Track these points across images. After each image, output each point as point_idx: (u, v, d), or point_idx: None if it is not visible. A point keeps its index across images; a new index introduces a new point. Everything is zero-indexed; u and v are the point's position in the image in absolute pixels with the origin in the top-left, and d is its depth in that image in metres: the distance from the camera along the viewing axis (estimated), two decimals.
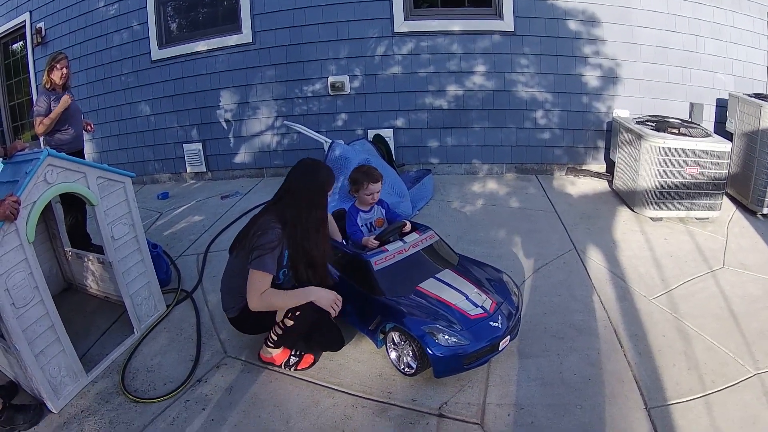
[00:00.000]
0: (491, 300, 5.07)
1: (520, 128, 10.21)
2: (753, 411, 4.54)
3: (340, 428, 4.50)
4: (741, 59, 10.05)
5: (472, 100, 10.17)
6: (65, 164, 4.80)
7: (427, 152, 10.52)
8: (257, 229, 4.70)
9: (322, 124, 10.54)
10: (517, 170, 10.41)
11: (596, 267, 6.82)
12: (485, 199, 9.17)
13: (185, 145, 11.24)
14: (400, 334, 4.96)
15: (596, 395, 4.76)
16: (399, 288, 5.17)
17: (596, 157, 10.29)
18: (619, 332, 5.60)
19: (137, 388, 5.01)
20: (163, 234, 8.47)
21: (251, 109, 10.79)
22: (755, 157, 8.13)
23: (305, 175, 4.89)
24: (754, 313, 5.84)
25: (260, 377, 5.13)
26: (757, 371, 4.98)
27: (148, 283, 5.92)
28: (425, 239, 5.70)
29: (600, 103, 10.03)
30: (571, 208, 8.70)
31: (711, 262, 6.86)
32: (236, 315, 5.01)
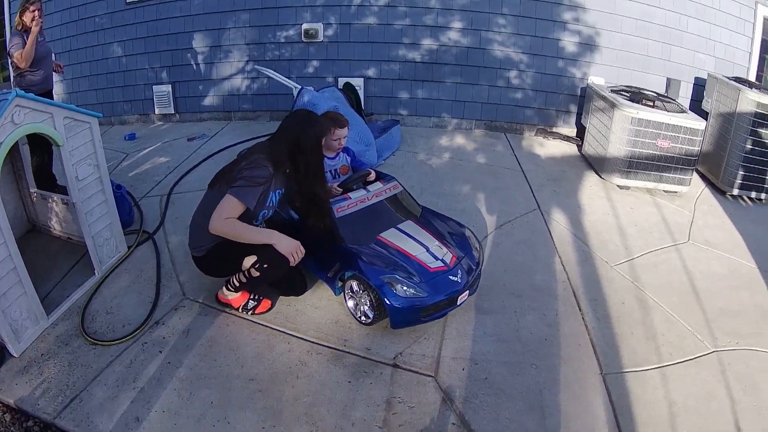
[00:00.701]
0: (452, 254, 5.01)
1: (492, 86, 10.09)
2: (710, 387, 4.55)
3: (295, 374, 4.46)
4: (724, 42, 10.03)
5: (446, 55, 10.03)
6: (33, 105, 4.61)
7: (397, 103, 10.39)
8: (248, 163, 4.61)
9: (293, 71, 10.34)
10: (486, 127, 10.32)
11: (560, 229, 6.77)
12: (452, 154, 9.07)
13: (155, 87, 10.97)
14: (358, 283, 4.88)
15: (552, 356, 4.74)
16: (360, 236, 5.09)
17: (567, 120, 10.23)
18: (578, 295, 5.57)
19: (96, 330, 4.90)
20: (128, 175, 8.25)
21: (223, 53, 10.58)
22: (729, 138, 8.14)
23: (302, 123, 4.79)
24: (716, 291, 5.83)
25: (217, 320, 5.05)
26: (716, 348, 4.98)
27: (110, 224, 5.77)
28: (389, 189, 5.61)
29: (575, 68, 9.95)
30: (539, 168, 8.64)
31: (676, 236, 6.84)
32: (202, 255, 4.89)
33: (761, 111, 7.79)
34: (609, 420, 4.18)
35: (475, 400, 4.25)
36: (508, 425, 4.06)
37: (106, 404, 4.14)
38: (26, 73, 6.68)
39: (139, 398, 4.19)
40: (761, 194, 8.20)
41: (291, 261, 4.56)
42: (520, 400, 4.29)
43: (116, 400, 4.18)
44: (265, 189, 4.62)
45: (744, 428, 4.23)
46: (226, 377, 4.41)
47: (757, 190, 8.18)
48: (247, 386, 4.34)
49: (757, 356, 4.98)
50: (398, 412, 4.15)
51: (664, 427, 4.16)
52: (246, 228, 4.51)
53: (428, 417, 4.11)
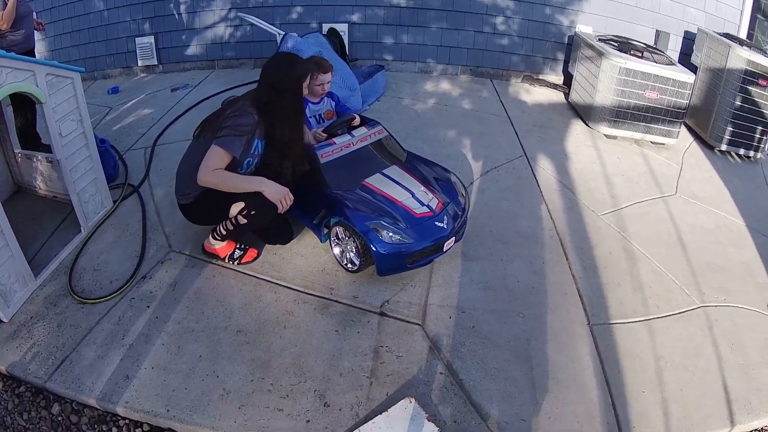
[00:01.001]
0: (438, 199, 4.96)
1: (478, 32, 9.94)
2: (696, 342, 4.56)
3: (282, 323, 4.44)
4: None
5: (431, 0, 9.86)
6: (13, 63, 4.47)
7: (382, 48, 10.24)
8: (233, 111, 4.54)
9: (277, 17, 10.17)
10: (472, 73, 10.19)
11: (546, 176, 6.72)
12: (437, 99, 8.97)
13: (137, 39, 10.74)
14: (344, 230, 4.83)
15: (539, 305, 4.74)
16: (345, 182, 5.03)
17: (554, 68, 10.12)
18: (565, 244, 5.55)
19: (84, 289, 4.85)
20: (112, 129, 8.11)
21: (205, 1, 10.34)
22: (718, 94, 8.09)
23: (281, 65, 4.69)
24: (703, 245, 5.84)
25: (204, 272, 5.01)
26: (703, 303, 4.99)
27: (95, 180, 5.67)
28: (374, 134, 5.53)
29: (563, 16, 9.80)
30: (525, 115, 8.56)
31: (663, 188, 6.82)
32: (189, 202, 4.81)
33: (751, 69, 7.75)
34: (596, 371, 4.19)
35: (462, 349, 4.25)
36: (496, 374, 4.06)
37: (96, 364, 4.12)
38: (7, 34, 6.51)
39: (128, 356, 4.18)
40: (750, 152, 8.21)
41: (279, 208, 4.50)
42: (507, 349, 4.28)
43: (105, 359, 4.16)
44: (251, 137, 4.57)
45: (731, 386, 4.27)
46: (213, 329, 4.39)
47: (746, 147, 8.18)
48: (235, 338, 4.33)
49: (744, 314, 5.01)
50: (386, 361, 4.14)
51: (651, 380, 4.17)
52: (234, 177, 4.47)
53: (416, 366, 4.11)
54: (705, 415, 4.02)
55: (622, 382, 4.12)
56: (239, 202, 4.59)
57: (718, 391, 4.20)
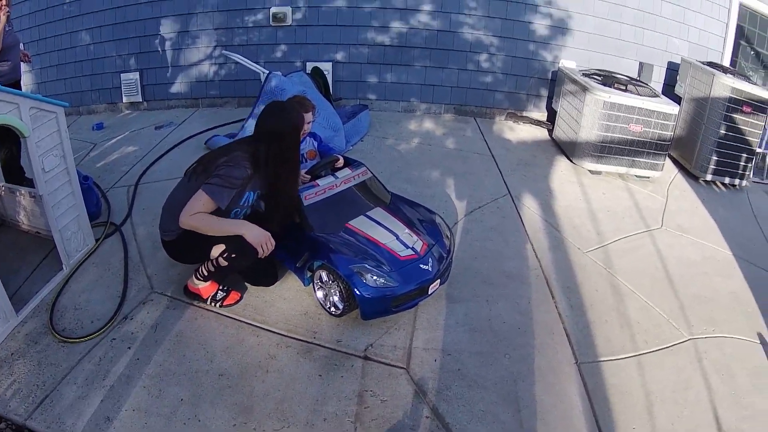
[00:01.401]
0: (422, 242, 4.91)
1: (462, 70, 10.00)
2: (686, 375, 4.54)
3: (265, 368, 4.39)
4: (698, 27, 10.03)
5: (415, 38, 9.91)
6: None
7: (366, 88, 10.27)
8: (228, 160, 4.50)
9: (261, 56, 10.21)
10: (456, 111, 10.22)
11: (531, 215, 6.71)
12: (421, 138, 8.97)
13: (122, 75, 10.75)
14: (327, 273, 4.77)
15: (525, 345, 4.69)
16: (328, 225, 4.98)
17: (538, 105, 10.16)
18: (551, 282, 5.52)
19: (65, 327, 4.79)
20: (95, 166, 8.09)
21: (191, 38, 10.41)
22: (703, 123, 8.14)
23: (280, 117, 4.64)
24: (690, 277, 5.83)
25: (186, 314, 4.95)
26: (692, 336, 4.97)
27: (77, 217, 5.64)
28: (358, 175, 5.49)
29: (547, 52, 9.88)
30: (509, 153, 8.57)
31: (649, 222, 6.82)
32: (172, 239, 4.77)
33: (735, 96, 7.82)
34: (585, 410, 4.16)
35: (448, 392, 4.19)
36: (483, 417, 4.01)
37: (77, 404, 4.05)
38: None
39: (109, 397, 4.11)
40: (734, 180, 8.25)
41: (260, 252, 4.45)
42: (494, 391, 4.23)
43: (86, 399, 4.09)
44: (241, 190, 4.53)
45: (722, 417, 4.25)
46: (195, 373, 4.32)
47: (731, 176, 8.23)
48: (217, 382, 4.26)
49: (733, 343, 5.01)
50: (370, 405, 4.08)
51: (641, 416, 4.15)
52: (215, 220, 4.42)
53: (401, 410, 4.05)
54: None
55: (611, 420, 4.08)
56: (220, 244, 4.55)
57: (709, 422, 4.19)
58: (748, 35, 10.47)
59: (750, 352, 4.97)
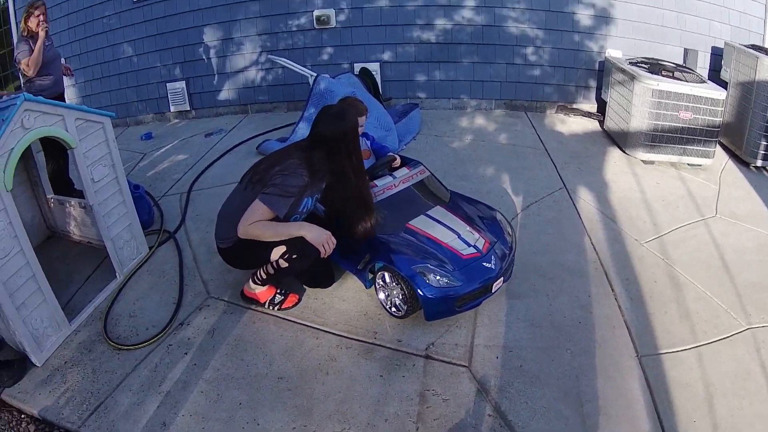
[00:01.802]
0: (484, 239, 4.93)
1: (510, 64, 10.00)
2: (745, 365, 4.49)
3: (325, 370, 4.44)
4: (738, 10, 9.87)
5: (461, 35, 9.93)
6: (43, 108, 4.58)
7: (415, 86, 10.31)
8: (283, 168, 4.52)
9: (308, 59, 10.28)
10: (506, 106, 10.24)
11: (586, 207, 6.72)
12: (473, 135, 9.01)
13: (168, 84, 10.93)
14: (389, 274, 4.80)
15: (586, 339, 4.70)
16: (388, 225, 4.99)
17: (587, 96, 10.13)
18: (610, 275, 5.53)
19: (120, 335, 4.91)
20: (146, 175, 8.25)
21: (235, 45, 10.52)
22: (750, 108, 8.02)
23: (335, 122, 4.62)
24: (746, 264, 5.77)
25: (243, 318, 5.03)
26: (750, 325, 4.92)
27: (129, 226, 5.76)
28: (416, 174, 5.54)
29: (592, 42, 9.83)
30: (561, 146, 8.57)
31: (703, 210, 6.77)
32: (229, 246, 4.82)
33: None
34: (647, 403, 4.14)
35: (510, 389, 4.23)
36: (545, 413, 4.03)
37: (132, 410, 4.16)
38: (35, 79, 6.64)
39: (165, 402, 4.21)
40: None
41: (322, 252, 4.50)
42: (556, 386, 4.26)
43: (142, 405, 4.19)
44: (298, 198, 4.55)
45: None
46: (254, 377, 4.40)
47: None
48: (276, 385, 4.33)
49: None
50: (432, 405, 4.13)
51: (701, 408, 4.11)
52: (274, 227, 4.46)
53: (463, 409, 4.09)
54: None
55: (672, 413, 4.07)
56: (281, 246, 4.59)
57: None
58: None
59: None
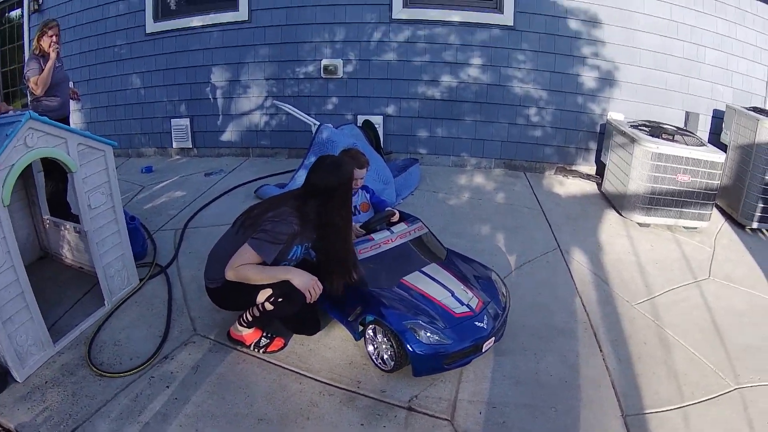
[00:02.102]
0: (478, 299, 4.93)
1: (512, 124, 10.10)
2: (732, 425, 4.47)
3: (306, 415, 4.40)
4: (741, 72, 9.97)
5: (465, 92, 10.04)
6: (46, 128, 4.65)
7: (416, 142, 10.40)
8: (275, 215, 4.55)
9: (312, 107, 10.37)
10: (505, 166, 10.30)
11: (580, 268, 6.72)
12: (471, 193, 9.06)
13: (173, 120, 11.07)
14: (380, 328, 4.78)
15: (572, 398, 4.67)
16: (383, 279, 5.01)
17: (587, 158, 10.20)
18: (599, 336, 5.51)
19: (103, 362, 4.89)
20: (143, 207, 8.30)
21: (242, 88, 10.63)
22: (748, 170, 8.07)
23: (331, 172, 4.66)
24: (738, 326, 5.76)
25: (228, 357, 5.02)
26: (738, 386, 4.89)
27: (122, 255, 5.79)
28: (413, 230, 5.55)
29: (595, 104, 9.94)
30: (558, 207, 8.60)
31: (697, 272, 6.77)
32: (218, 287, 4.82)
33: None
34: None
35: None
36: None
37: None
38: (42, 99, 6.76)
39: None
40: None
41: (307, 297, 4.52)
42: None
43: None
44: (288, 246, 4.60)
45: None
46: (234, 416, 4.37)
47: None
48: (255, 426, 4.29)
49: None
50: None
51: None
52: (261, 270, 4.47)
53: None
54: None
55: None
56: (267, 289, 4.60)
57: None
58: None
59: None
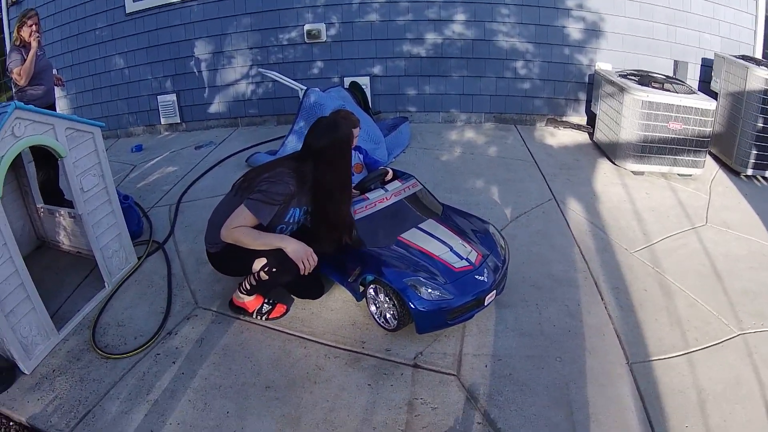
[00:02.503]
0: (477, 252, 4.88)
1: (499, 78, 10.03)
2: (737, 371, 4.46)
3: (312, 379, 4.39)
4: (728, 21, 9.92)
5: (451, 49, 9.96)
6: (33, 116, 4.56)
7: (404, 100, 10.33)
8: (271, 176, 4.52)
9: (298, 73, 10.27)
10: (495, 120, 10.24)
11: (576, 218, 6.70)
12: (463, 148, 9.00)
13: (159, 97, 10.94)
14: (380, 287, 4.74)
15: (576, 348, 4.67)
16: (380, 238, 4.97)
17: (577, 109, 10.16)
18: (599, 284, 5.49)
19: (108, 344, 4.86)
20: (136, 186, 8.22)
21: (226, 59, 10.53)
22: (740, 117, 8.07)
23: (327, 133, 4.63)
24: (737, 272, 5.75)
25: (231, 328, 4.99)
26: (741, 331, 4.89)
27: (118, 235, 5.74)
28: (408, 188, 5.48)
29: (582, 55, 9.87)
30: (551, 158, 8.57)
31: (693, 219, 6.77)
32: (217, 251, 4.83)
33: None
34: (638, 410, 4.10)
35: (499, 397, 4.18)
36: (535, 421, 3.99)
37: (120, 419, 4.10)
38: (27, 89, 6.65)
39: (153, 411, 4.15)
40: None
41: (300, 268, 4.49)
42: (546, 394, 4.21)
43: (129, 414, 4.14)
44: (284, 207, 4.57)
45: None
46: (241, 386, 4.35)
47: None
48: (263, 394, 4.28)
49: None
50: (421, 413, 4.08)
51: (694, 414, 4.08)
52: (255, 234, 4.44)
53: (452, 417, 4.04)
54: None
55: (665, 419, 4.03)
56: (262, 258, 4.59)
57: (762, 418, 4.10)
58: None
59: None
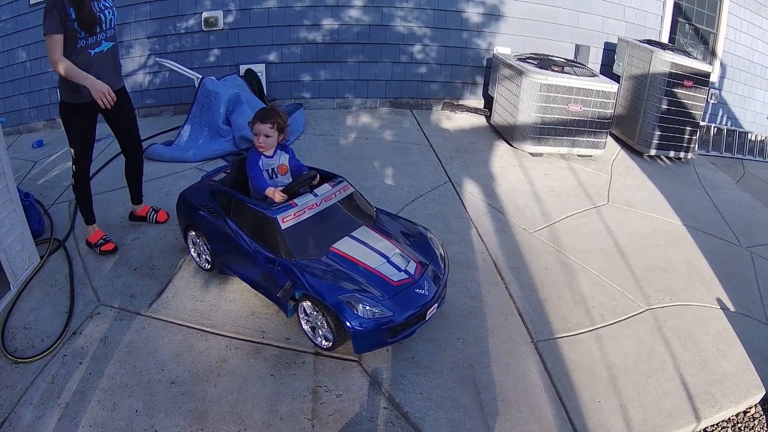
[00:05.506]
0: (416, 262, 4.54)
1: (395, 62, 9.95)
2: (648, 345, 4.52)
3: (216, 372, 4.27)
4: (634, 6, 10.14)
5: (347, 34, 9.84)
6: None
7: (300, 87, 10.16)
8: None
9: (195, 61, 10.01)
10: (391, 104, 10.17)
11: (473, 200, 6.64)
12: (358, 133, 8.89)
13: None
14: (312, 303, 4.39)
15: (478, 328, 4.62)
16: (311, 249, 4.58)
17: (474, 92, 10.14)
18: (499, 265, 5.44)
19: (17, 348, 4.65)
20: (37, 183, 7.89)
21: (124, 48, 10.07)
22: (643, 100, 8.27)
23: None
24: (641, 249, 5.82)
25: (133, 324, 4.81)
26: (649, 306, 4.95)
27: (20, 235, 5.48)
28: (339, 191, 5.04)
29: (480, 39, 9.85)
30: (447, 142, 8.51)
31: (594, 198, 6.82)
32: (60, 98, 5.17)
33: (675, 71, 8.02)
34: (547, 387, 4.12)
35: (403, 381, 4.12)
36: (442, 403, 3.94)
37: (35, 425, 3.92)
38: None
39: (65, 415, 3.98)
40: (680, 153, 8.47)
41: (100, 104, 4.75)
42: (451, 376, 4.16)
43: (43, 419, 3.95)
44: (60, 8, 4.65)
45: (690, 383, 4.27)
46: (147, 383, 4.20)
47: (675, 149, 8.44)
48: (169, 390, 4.13)
49: (692, 310, 5.02)
50: (326, 401, 3.99)
51: (606, 388, 4.12)
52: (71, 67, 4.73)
53: (357, 403, 3.98)
54: (666, 415, 4.03)
55: (575, 395, 4.05)
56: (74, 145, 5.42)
57: (677, 389, 4.19)
58: (686, 12, 10.65)
59: (711, 317, 5.01)
